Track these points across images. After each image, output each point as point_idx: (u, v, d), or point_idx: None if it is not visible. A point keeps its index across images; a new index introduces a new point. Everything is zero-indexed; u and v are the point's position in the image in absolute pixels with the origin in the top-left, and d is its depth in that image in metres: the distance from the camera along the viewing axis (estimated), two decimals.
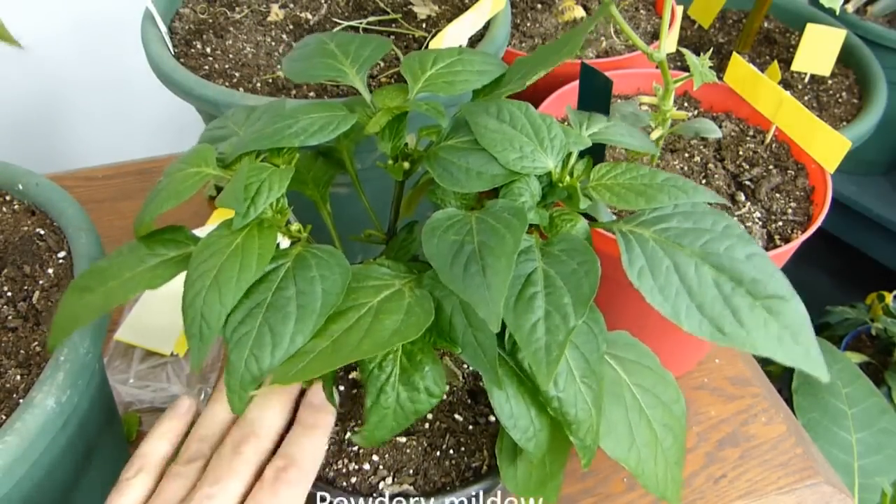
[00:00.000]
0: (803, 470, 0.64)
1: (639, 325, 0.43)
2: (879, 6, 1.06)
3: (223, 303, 0.32)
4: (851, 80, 0.90)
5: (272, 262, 0.34)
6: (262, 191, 0.35)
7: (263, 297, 0.33)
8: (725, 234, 0.36)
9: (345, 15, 0.67)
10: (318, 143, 0.38)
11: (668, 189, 0.38)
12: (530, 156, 0.38)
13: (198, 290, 0.32)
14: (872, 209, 1.21)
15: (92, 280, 0.36)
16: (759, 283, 0.34)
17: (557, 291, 0.33)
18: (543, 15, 0.85)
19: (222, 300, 0.32)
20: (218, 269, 0.32)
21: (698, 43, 0.95)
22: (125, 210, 0.85)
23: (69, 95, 1.09)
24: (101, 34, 1.04)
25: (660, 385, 0.40)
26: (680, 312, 0.34)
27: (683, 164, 0.60)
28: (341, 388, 0.46)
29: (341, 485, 0.42)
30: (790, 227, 0.55)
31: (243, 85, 0.58)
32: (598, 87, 0.49)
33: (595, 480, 0.62)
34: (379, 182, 0.49)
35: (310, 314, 0.32)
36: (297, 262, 0.34)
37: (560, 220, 0.38)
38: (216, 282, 0.32)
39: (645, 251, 0.35)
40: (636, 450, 0.38)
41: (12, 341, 0.43)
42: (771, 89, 0.60)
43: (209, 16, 0.66)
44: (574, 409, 0.35)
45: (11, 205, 0.52)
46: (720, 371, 0.71)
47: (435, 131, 0.42)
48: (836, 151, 0.56)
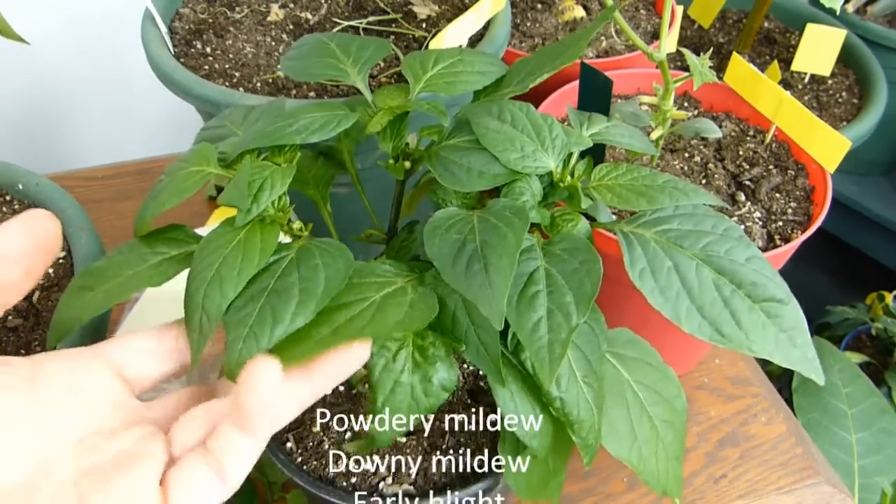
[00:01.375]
0: (803, 470, 0.64)
1: (639, 325, 0.43)
2: (879, 6, 1.06)
3: (224, 294, 0.32)
4: (851, 80, 0.90)
5: (275, 253, 0.34)
6: (264, 188, 0.35)
7: (266, 284, 0.32)
8: (726, 237, 0.36)
9: (345, 15, 0.67)
10: (319, 140, 0.38)
11: (669, 190, 0.39)
12: (531, 156, 0.38)
13: (199, 283, 0.32)
14: (872, 209, 1.21)
15: (92, 279, 0.36)
16: (759, 286, 0.34)
17: (559, 290, 0.33)
18: (543, 15, 0.85)
19: (223, 292, 0.32)
20: (220, 262, 0.32)
21: (698, 43, 0.95)
22: (125, 210, 0.85)
23: (69, 95, 1.09)
24: (101, 34, 1.04)
25: (661, 382, 0.41)
26: (680, 313, 0.34)
27: (683, 163, 0.60)
28: (341, 388, 0.46)
29: (341, 485, 0.42)
30: (790, 227, 0.55)
31: (243, 85, 0.58)
32: (598, 86, 0.49)
33: (596, 480, 0.62)
34: (379, 182, 0.48)
35: (312, 296, 0.32)
36: (301, 252, 0.34)
37: (561, 220, 0.38)
38: (218, 274, 0.32)
39: (646, 252, 0.36)
40: (637, 447, 0.38)
41: (12, 341, 0.43)
42: (771, 89, 0.60)
43: (209, 16, 0.66)
44: (576, 410, 0.35)
45: (11, 205, 0.52)
46: (720, 371, 0.71)
47: (436, 131, 0.42)
48: (836, 151, 0.56)
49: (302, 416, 0.45)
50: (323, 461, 0.43)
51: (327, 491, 0.42)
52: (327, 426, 0.44)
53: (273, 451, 0.43)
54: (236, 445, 0.30)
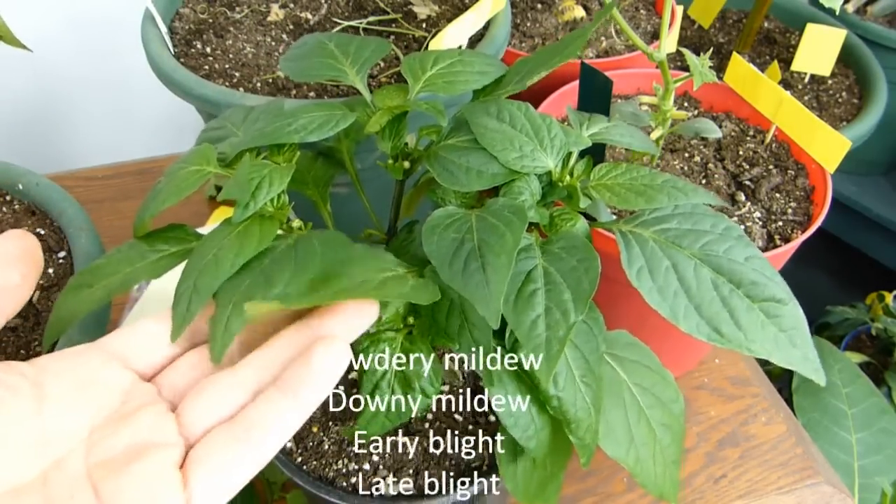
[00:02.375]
0: (803, 470, 0.64)
1: (639, 325, 0.43)
2: (879, 6, 1.06)
3: (218, 275, 0.32)
4: (851, 80, 0.90)
5: (274, 241, 0.34)
6: (262, 186, 0.35)
7: (262, 264, 0.33)
8: (725, 236, 0.36)
9: (345, 15, 0.67)
10: (318, 139, 0.38)
11: (668, 190, 0.38)
12: (530, 155, 0.38)
13: (195, 265, 0.32)
14: (872, 209, 1.21)
15: (91, 277, 0.36)
16: (758, 286, 0.34)
17: (557, 288, 0.33)
18: (543, 15, 0.85)
19: (217, 273, 0.32)
20: (218, 249, 0.33)
21: (698, 43, 0.95)
22: (125, 210, 0.85)
23: (69, 95, 1.10)
24: (101, 34, 1.04)
25: (659, 385, 0.41)
26: (678, 313, 0.34)
27: (683, 163, 0.60)
28: (341, 387, 0.46)
29: (341, 485, 0.42)
30: (790, 227, 0.55)
31: (243, 85, 0.58)
32: (598, 86, 0.49)
33: (595, 480, 0.62)
34: (379, 182, 0.49)
35: (307, 267, 0.32)
36: (299, 239, 0.34)
37: (560, 219, 0.38)
38: (215, 258, 0.32)
39: (644, 251, 0.36)
40: (634, 449, 0.38)
41: (12, 341, 0.43)
42: (771, 89, 0.60)
43: (209, 16, 0.67)
44: (574, 409, 0.35)
45: (11, 205, 0.52)
46: (720, 371, 0.71)
47: (435, 131, 0.42)
48: (836, 151, 0.56)
49: None
50: (323, 461, 0.43)
51: (327, 491, 0.42)
52: (327, 426, 0.45)
53: None
54: (277, 415, 0.29)
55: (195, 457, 0.29)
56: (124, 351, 0.32)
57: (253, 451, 0.29)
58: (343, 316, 0.31)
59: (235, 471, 0.29)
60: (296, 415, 0.29)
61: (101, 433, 0.29)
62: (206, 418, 0.30)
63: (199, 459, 0.29)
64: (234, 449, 0.29)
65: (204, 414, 0.30)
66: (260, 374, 0.31)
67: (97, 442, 0.29)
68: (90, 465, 0.28)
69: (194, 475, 0.28)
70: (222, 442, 0.29)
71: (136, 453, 0.28)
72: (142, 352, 0.33)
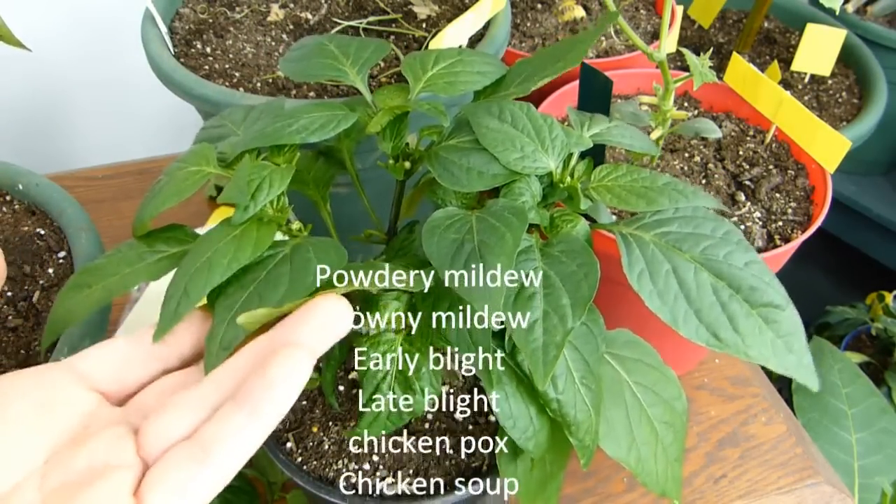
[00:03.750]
0: (803, 470, 0.64)
1: (639, 326, 0.43)
2: (879, 6, 1.06)
3: (210, 280, 0.31)
4: (851, 80, 0.90)
5: (270, 249, 0.34)
6: (262, 188, 0.35)
7: (257, 275, 0.32)
8: (725, 241, 0.36)
9: (345, 15, 0.67)
10: (319, 140, 0.38)
11: (669, 192, 0.38)
12: (531, 156, 0.38)
13: (187, 269, 0.32)
14: (872, 209, 1.21)
15: (90, 277, 0.36)
16: (757, 291, 0.34)
17: (556, 292, 0.33)
18: (543, 15, 0.85)
19: (209, 278, 0.31)
20: (212, 252, 0.32)
21: (698, 43, 0.95)
22: (125, 210, 0.85)
23: (69, 95, 1.09)
24: (101, 34, 1.04)
25: (661, 382, 0.40)
26: (678, 317, 0.34)
27: (683, 163, 0.60)
28: (341, 388, 0.46)
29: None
30: (790, 227, 0.55)
31: (243, 85, 0.58)
32: (598, 87, 0.49)
33: (596, 480, 0.62)
34: (379, 182, 0.48)
35: (302, 286, 0.31)
36: (295, 249, 0.34)
37: (560, 221, 0.38)
38: (208, 261, 0.32)
39: (645, 254, 0.36)
40: (636, 449, 0.38)
41: (12, 341, 0.44)
42: (771, 89, 0.60)
43: (209, 16, 0.66)
44: (573, 411, 0.35)
45: (11, 205, 0.52)
46: (720, 371, 0.71)
47: (436, 131, 0.42)
48: (836, 151, 0.56)
49: (302, 416, 0.45)
50: (323, 461, 0.43)
51: (327, 491, 0.42)
52: (327, 426, 0.45)
53: (273, 451, 0.43)
54: (234, 431, 0.27)
55: (151, 479, 0.27)
56: (91, 372, 0.31)
57: (211, 470, 0.27)
58: (311, 321, 0.30)
59: (193, 491, 0.27)
60: (255, 430, 0.28)
61: (59, 456, 0.28)
62: (164, 438, 0.28)
63: (154, 481, 0.27)
64: (190, 469, 0.27)
65: (163, 433, 0.28)
66: (221, 389, 0.29)
67: (55, 466, 0.28)
68: (45, 491, 0.27)
69: (149, 498, 0.27)
70: (179, 462, 0.27)
71: (89, 478, 0.27)
72: (110, 373, 0.31)
